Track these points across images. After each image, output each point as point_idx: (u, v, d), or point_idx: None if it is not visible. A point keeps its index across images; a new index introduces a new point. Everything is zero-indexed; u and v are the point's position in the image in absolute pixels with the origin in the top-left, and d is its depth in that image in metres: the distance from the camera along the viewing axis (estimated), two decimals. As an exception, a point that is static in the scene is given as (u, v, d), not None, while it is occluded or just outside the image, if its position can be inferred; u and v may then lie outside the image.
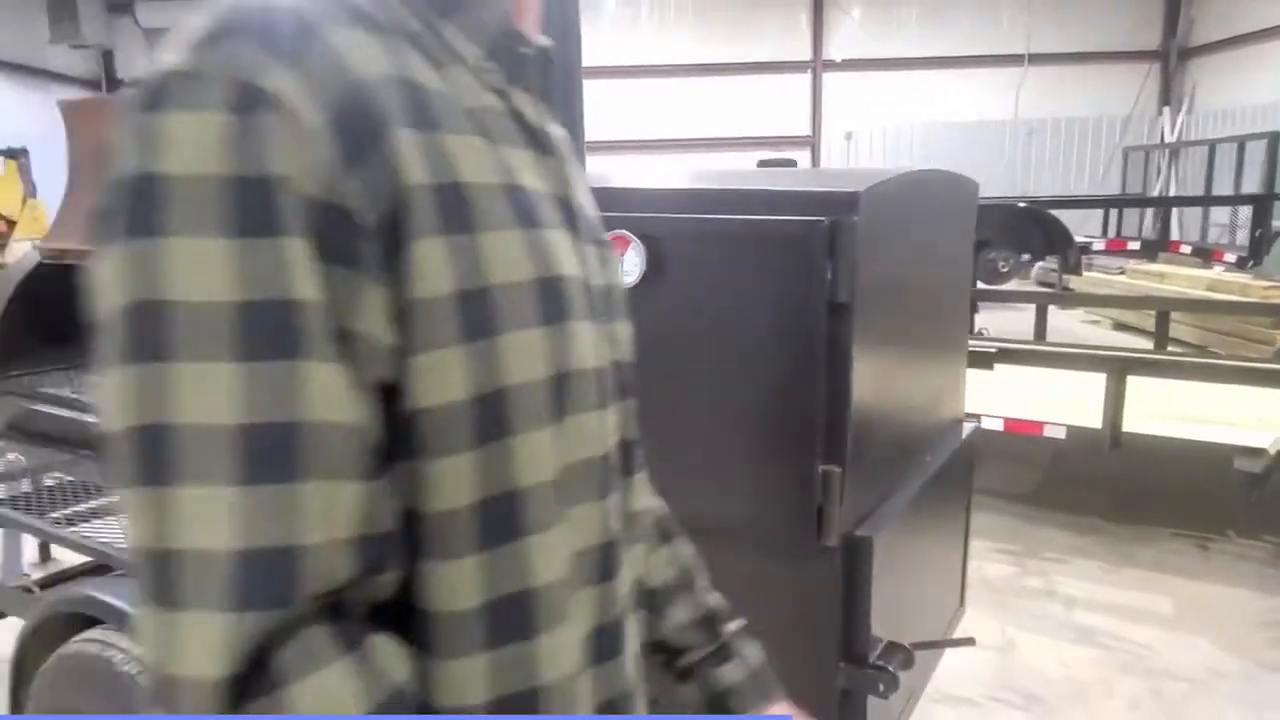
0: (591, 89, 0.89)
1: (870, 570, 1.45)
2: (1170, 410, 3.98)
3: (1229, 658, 3.14)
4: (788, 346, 1.39)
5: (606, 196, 1.60)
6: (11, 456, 2.73)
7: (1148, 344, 5.54)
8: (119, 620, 1.78)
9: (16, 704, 2.04)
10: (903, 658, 1.52)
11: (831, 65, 17.92)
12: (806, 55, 17.94)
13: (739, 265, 1.43)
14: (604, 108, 17.37)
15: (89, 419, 2.66)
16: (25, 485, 2.57)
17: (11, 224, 10.09)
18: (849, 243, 1.34)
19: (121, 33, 17.56)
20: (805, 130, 18.11)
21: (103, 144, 2.09)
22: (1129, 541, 4.00)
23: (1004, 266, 7.21)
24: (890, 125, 17.48)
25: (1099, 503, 4.35)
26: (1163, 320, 5.48)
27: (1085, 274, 10.47)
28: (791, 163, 14.45)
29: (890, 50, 17.14)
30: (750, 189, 1.59)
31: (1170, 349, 5.52)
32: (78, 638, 1.88)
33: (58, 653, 1.90)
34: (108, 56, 17.83)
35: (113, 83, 18.24)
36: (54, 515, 2.25)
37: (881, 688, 1.47)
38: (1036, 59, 16.34)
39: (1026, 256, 7.59)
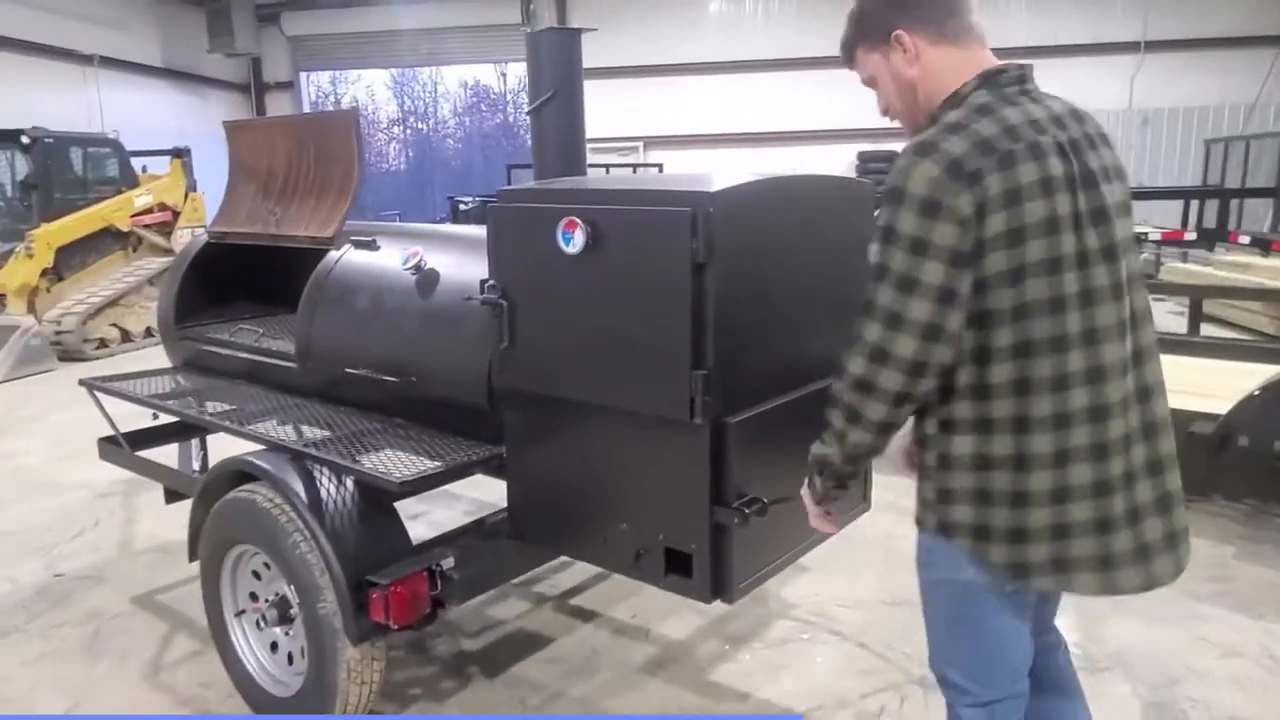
0: (697, 85, 1.52)
1: (727, 442, 2.20)
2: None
3: (1170, 591, 3.68)
4: (672, 290, 2.15)
5: (564, 195, 2.44)
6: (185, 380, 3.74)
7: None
8: (262, 475, 2.70)
9: (194, 543, 3.01)
10: (759, 507, 2.26)
11: (937, 56, 18.02)
12: (910, 46, 18.02)
13: (644, 238, 2.20)
14: (708, 103, 18.04)
15: (240, 356, 3.66)
16: (197, 402, 3.55)
17: (176, 214, 11.54)
18: (705, 225, 2.09)
19: (268, 41, 19.40)
20: (907, 121, 18.22)
21: (264, 155, 3.53)
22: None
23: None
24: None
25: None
26: (1195, 307, 5.92)
27: (1177, 264, 10.56)
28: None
29: (998, 38, 17.11)
30: (653, 189, 2.37)
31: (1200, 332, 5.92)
32: (234, 490, 2.82)
33: (220, 500, 2.85)
34: (256, 63, 19.66)
35: (260, 85, 20.17)
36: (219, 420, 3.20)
37: (736, 521, 2.22)
38: (1153, 46, 16.05)
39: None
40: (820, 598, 3.74)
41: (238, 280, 4.07)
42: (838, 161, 18.08)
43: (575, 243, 2.28)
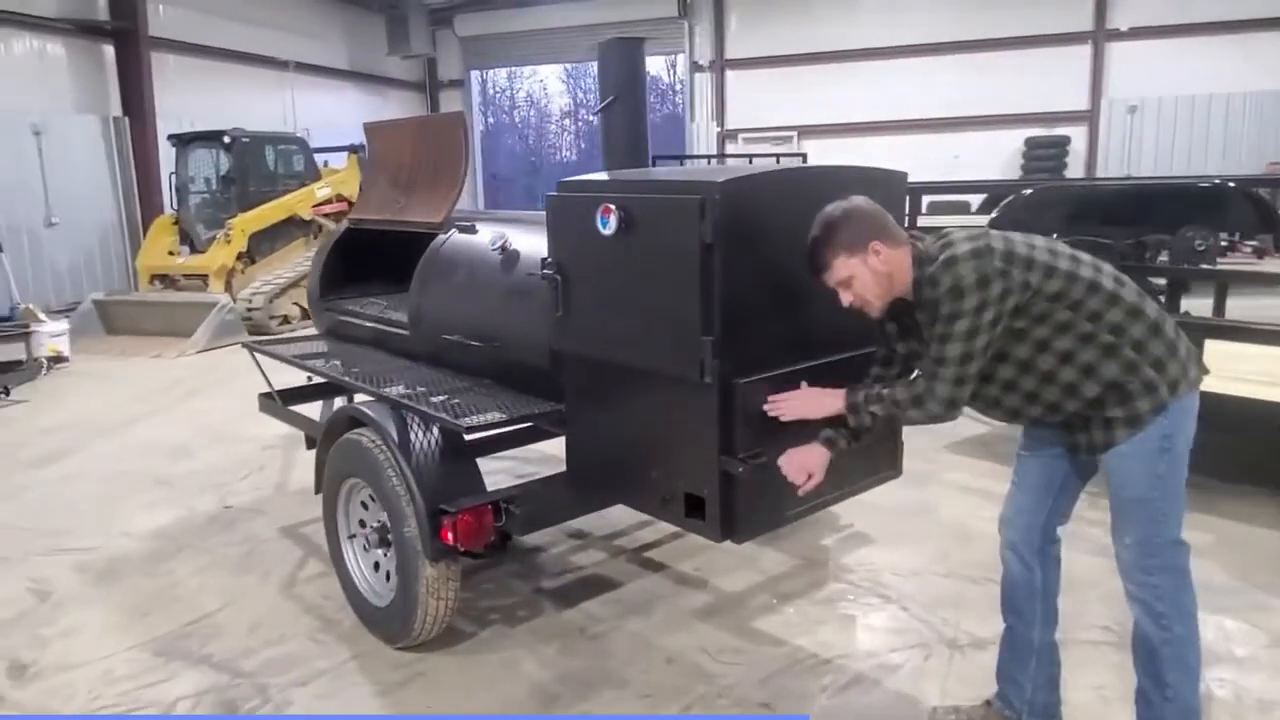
0: (853, 72, 1.87)
1: (733, 400, 2.52)
2: (1244, 373, 4.37)
3: (1233, 580, 3.67)
4: (686, 266, 2.49)
5: (603, 185, 2.84)
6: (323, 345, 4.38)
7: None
8: (366, 421, 3.24)
9: (320, 477, 3.61)
10: (762, 459, 2.57)
11: (1116, 35, 17.03)
12: (1087, 25, 17.10)
13: (664, 221, 2.55)
14: (865, 91, 17.81)
15: (367, 325, 4.26)
16: (325, 362, 4.15)
17: (351, 204, 12.72)
18: (711, 210, 2.41)
19: (442, 43, 20.78)
20: (1082, 105, 17.32)
21: (394, 152, 4.31)
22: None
23: (1200, 245, 7.23)
24: (1183, 96, 16.39)
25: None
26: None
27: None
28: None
29: (1189, 14, 16.07)
30: (675, 180, 2.71)
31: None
32: (348, 433, 3.38)
33: (337, 441, 3.42)
34: (431, 63, 21.11)
35: (434, 84, 21.65)
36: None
37: (740, 469, 2.54)
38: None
39: (1231, 236, 7.47)
40: (877, 566, 3.95)
41: (373, 260, 4.69)
42: (1003, 148, 17.48)
43: (610, 226, 2.66)
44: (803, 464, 2.54)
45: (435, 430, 3.14)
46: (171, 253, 10.95)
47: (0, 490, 5.24)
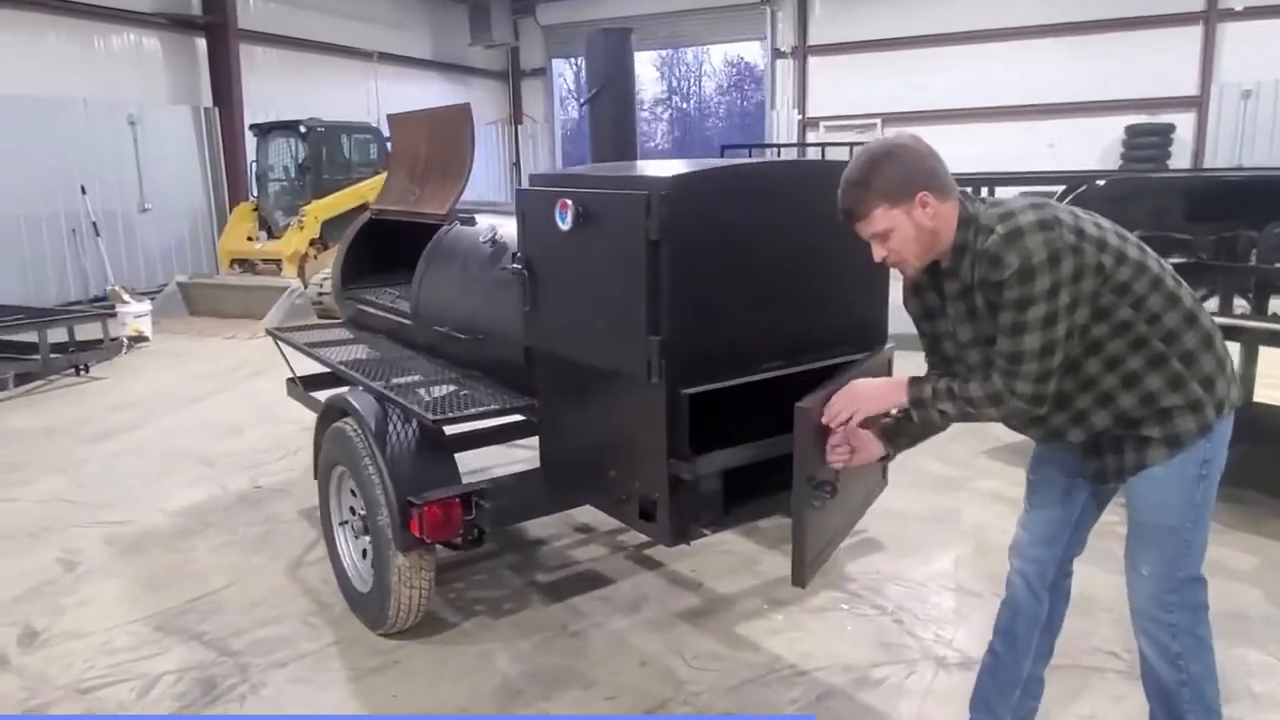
0: (940, 57, 1.80)
1: (682, 406, 2.45)
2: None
3: (1273, 608, 3.40)
4: (634, 263, 2.42)
5: (565, 179, 2.79)
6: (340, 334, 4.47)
7: None
8: (349, 410, 3.29)
9: (316, 462, 3.69)
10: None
11: (1229, 15, 15.97)
12: (1198, 5, 16.09)
13: (614, 217, 2.49)
14: (952, 76, 17.19)
15: (379, 315, 4.32)
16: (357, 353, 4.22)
17: (424, 192, 13.00)
18: (657, 206, 2.34)
19: (525, 32, 20.99)
20: (1190, 90, 16.33)
21: (412, 143, 4.37)
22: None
23: (1290, 241, 6.70)
24: (1306, 79, 15.29)
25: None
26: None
27: None
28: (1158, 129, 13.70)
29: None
30: (621, 175, 2.64)
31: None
32: (337, 421, 3.44)
33: (327, 429, 3.49)
34: (514, 52, 21.35)
35: (517, 73, 21.89)
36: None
37: (685, 475, 2.47)
38: None
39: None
40: (881, 574, 3.81)
41: (393, 250, 4.75)
42: (1101, 137, 16.63)
43: (567, 221, 2.62)
44: (864, 397, 2.26)
45: (414, 422, 3.17)
46: (250, 238, 11.40)
47: (59, 463, 5.55)
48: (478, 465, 4.32)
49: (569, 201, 2.60)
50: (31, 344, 7.64)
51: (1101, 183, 8.02)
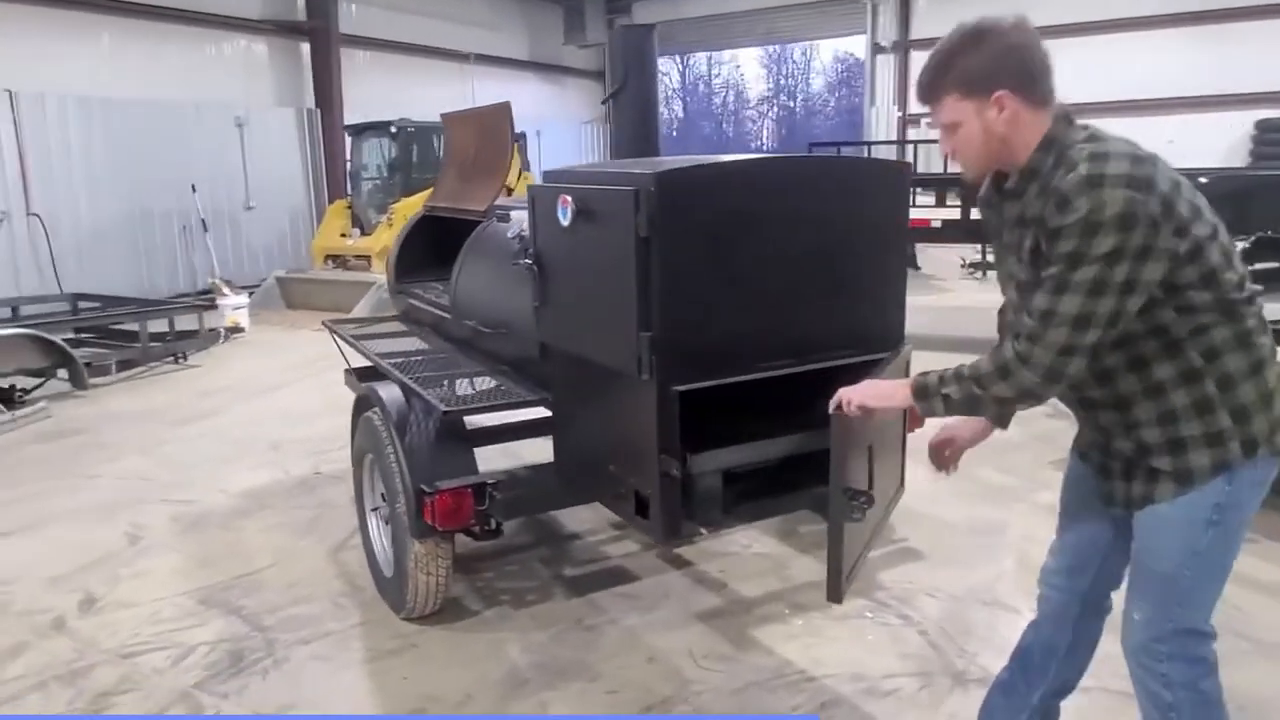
0: (1059, 50, 1.71)
1: (673, 403, 2.43)
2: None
3: None
4: (625, 259, 2.42)
5: (568, 176, 2.82)
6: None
7: None
8: (375, 399, 3.39)
9: (353, 443, 3.81)
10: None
11: (1375, -1, 14.79)
12: (1343, -11, 14.95)
13: (608, 213, 2.49)
14: (1072, 69, 16.41)
15: (424, 309, 4.44)
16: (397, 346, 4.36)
17: (510, 191, 13.26)
18: (646, 202, 2.33)
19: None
20: (1333, 81, 15.19)
21: (463, 141, 4.53)
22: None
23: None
24: None
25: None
26: None
27: None
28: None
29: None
30: (615, 171, 2.62)
31: None
32: (368, 410, 3.56)
33: (360, 417, 3.61)
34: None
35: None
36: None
37: (675, 470, 2.45)
38: None
39: None
40: (914, 585, 3.69)
41: (447, 245, 4.87)
42: (1228, 132, 15.65)
43: (567, 217, 2.63)
44: (867, 391, 2.05)
45: (433, 413, 3.24)
46: (344, 235, 11.85)
47: (144, 444, 5.91)
48: (511, 460, 4.39)
49: (568, 198, 2.61)
50: (136, 333, 8.16)
51: (1205, 180, 7.54)
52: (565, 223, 2.63)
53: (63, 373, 7.12)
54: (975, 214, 9.59)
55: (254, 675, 3.12)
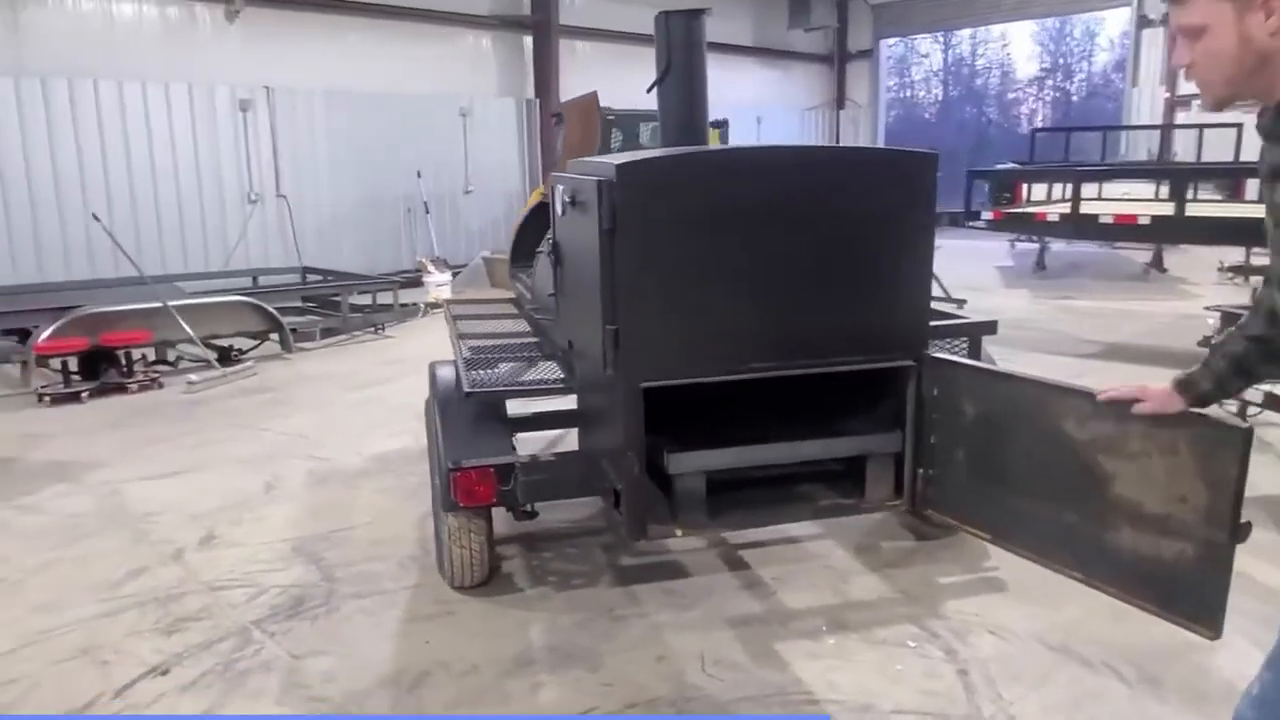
0: None
1: (634, 395, 2.39)
2: None
3: None
4: (593, 250, 2.40)
5: (574, 166, 2.83)
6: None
7: None
8: (431, 380, 3.57)
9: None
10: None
11: None
12: None
13: (583, 204, 2.47)
14: None
15: (526, 296, 4.59)
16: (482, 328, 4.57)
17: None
18: (607, 194, 2.29)
19: (853, 11, 20.47)
20: None
21: (575, 129, 4.82)
22: None
23: None
24: None
25: None
26: None
27: None
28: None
29: None
30: (599, 161, 2.57)
31: None
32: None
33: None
34: (840, 34, 20.87)
35: (843, 55, 21.39)
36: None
37: (637, 468, 2.41)
38: None
39: None
40: (979, 618, 3.36)
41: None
42: None
43: (564, 207, 2.64)
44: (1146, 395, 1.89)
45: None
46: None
47: (316, 405, 6.59)
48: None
49: (561, 187, 2.62)
50: (354, 305, 9.13)
51: None
52: (561, 212, 2.65)
53: (275, 337, 8.07)
54: (1212, 211, 8.34)
55: (305, 620, 3.42)
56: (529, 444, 4.05)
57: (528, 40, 14.62)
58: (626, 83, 15.35)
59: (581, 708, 2.85)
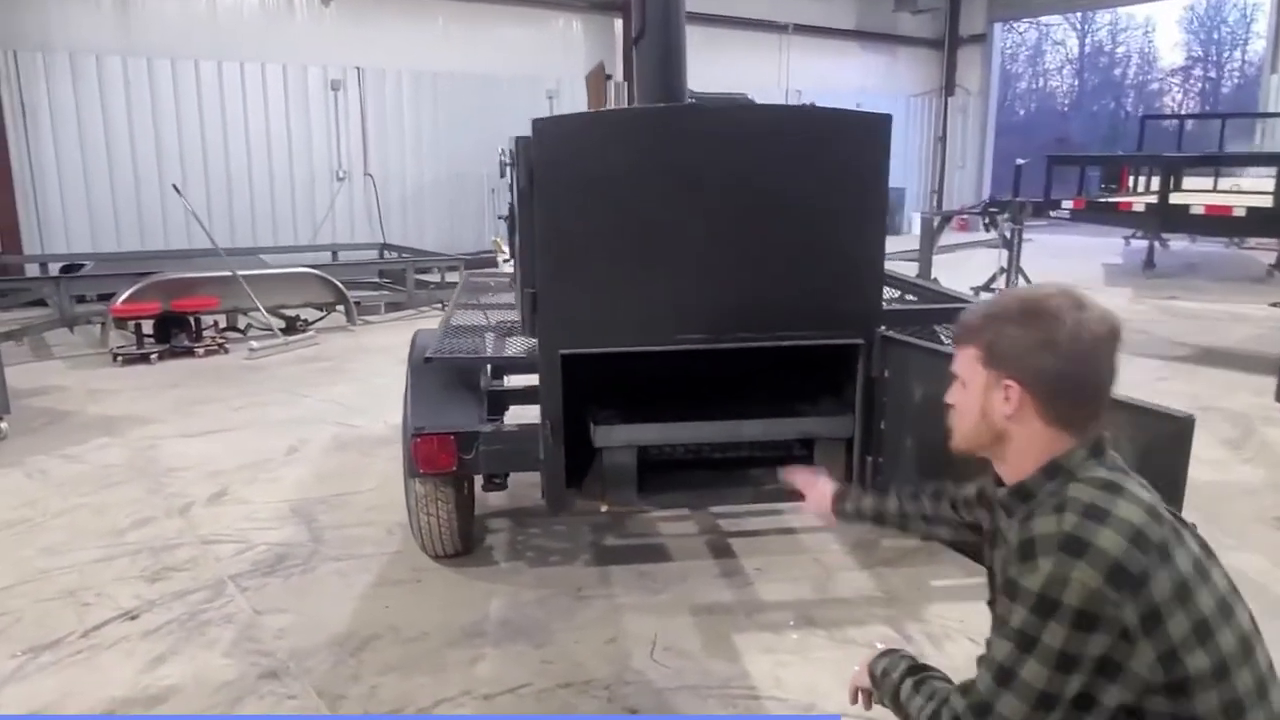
0: None
1: (553, 362, 2.30)
2: None
3: None
4: (519, 209, 2.32)
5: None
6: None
7: None
8: (411, 345, 3.56)
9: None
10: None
11: None
12: None
13: (517, 162, 2.39)
14: None
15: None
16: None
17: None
18: (524, 151, 2.21)
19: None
20: None
21: (596, 105, 4.89)
22: None
23: None
24: None
25: None
26: None
27: None
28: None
29: None
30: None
31: None
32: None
33: (423, 361, 3.82)
34: (952, 17, 20.01)
35: (954, 40, 20.49)
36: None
37: (550, 436, 2.32)
38: None
39: None
40: (963, 624, 3.11)
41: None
42: None
43: (502, 167, 2.57)
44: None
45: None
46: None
47: (361, 375, 6.75)
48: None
49: (503, 147, 2.55)
50: (421, 281, 9.34)
51: None
52: (501, 175, 2.58)
53: (341, 309, 8.32)
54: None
55: (279, 577, 3.48)
56: (528, 418, 4.02)
57: (618, 23, 14.58)
58: (722, 68, 15.20)
59: (515, 683, 2.78)
